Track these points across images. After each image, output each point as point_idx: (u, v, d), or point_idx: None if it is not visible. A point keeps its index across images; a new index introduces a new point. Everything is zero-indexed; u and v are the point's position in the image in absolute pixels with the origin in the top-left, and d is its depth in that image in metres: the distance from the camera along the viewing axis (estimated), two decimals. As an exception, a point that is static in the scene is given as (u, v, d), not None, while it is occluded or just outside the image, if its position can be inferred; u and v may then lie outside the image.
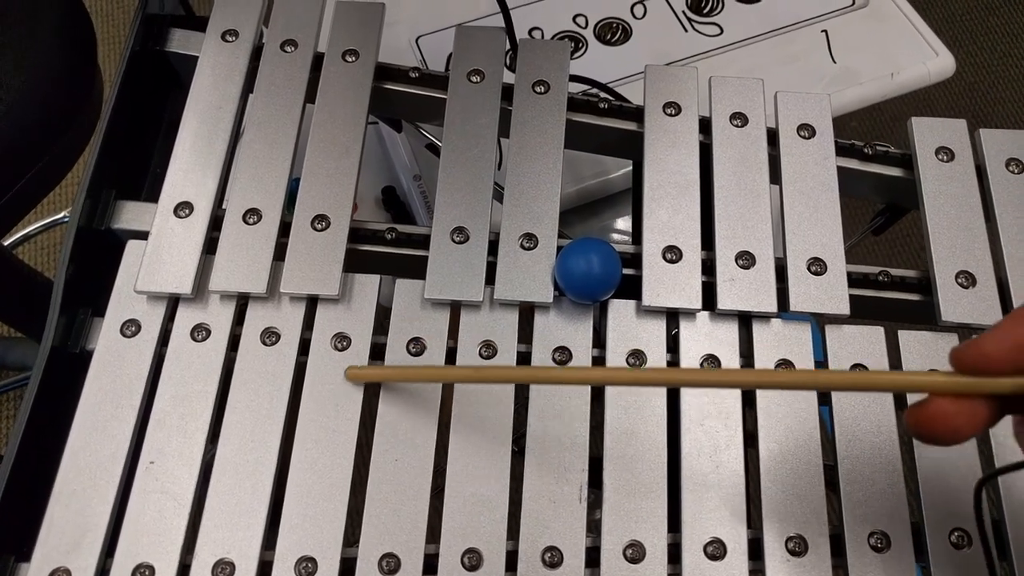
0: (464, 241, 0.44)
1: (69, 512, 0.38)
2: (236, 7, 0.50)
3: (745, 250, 0.45)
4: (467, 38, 0.50)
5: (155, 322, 0.42)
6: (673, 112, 0.49)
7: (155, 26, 0.52)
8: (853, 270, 0.45)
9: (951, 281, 0.44)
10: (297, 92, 0.48)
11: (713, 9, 0.70)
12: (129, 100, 0.48)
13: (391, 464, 0.40)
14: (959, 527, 0.40)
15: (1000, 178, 0.47)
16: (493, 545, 0.39)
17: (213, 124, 0.47)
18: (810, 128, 0.48)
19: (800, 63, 0.67)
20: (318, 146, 0.46)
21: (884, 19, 0.69)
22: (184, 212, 0.44)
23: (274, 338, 0.42)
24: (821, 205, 0.46)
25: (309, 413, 0.41)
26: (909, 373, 0.42)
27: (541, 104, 0.48)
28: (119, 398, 0.41)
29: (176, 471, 0.39)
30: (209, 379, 0.41)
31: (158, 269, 0.43)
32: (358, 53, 0.49)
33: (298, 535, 0.38)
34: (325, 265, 0.43)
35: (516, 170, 0.46)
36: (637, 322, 0.44)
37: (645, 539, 0.39)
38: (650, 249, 0.45)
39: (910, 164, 0.49)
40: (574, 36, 0.69)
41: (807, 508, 0.40)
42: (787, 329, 0.44)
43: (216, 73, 0.48)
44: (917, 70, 0.67)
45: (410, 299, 0.43)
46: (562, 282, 0.43)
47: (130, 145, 0.50)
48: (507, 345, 0.43)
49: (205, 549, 0.38)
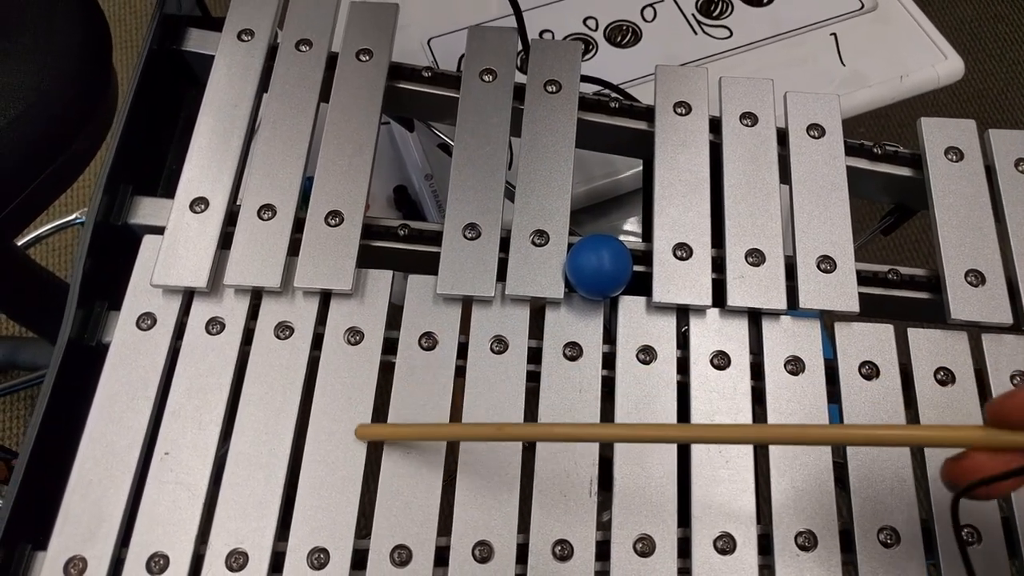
0: (476, 237, 0.45)
1: (85, 502, 0.39)
2: (252, 7, 0.51)
3: (755, 247, 0.45)
4: (479, 38, 0.51)
5: (171, 315, 0.43)
6: (683, 112, 0.49)
7: (172, 26, 0.53)
8: (862, 268, 0.45)
9: (960, 280, 0.45)
10: (311, 91, 0.48)
11: (723, 12, 0.70)
12: (146, 98, 0.49)
13: (403, 457, 0.40)
14: (968, 524, 0.40)
15: (1009, 178, 0.48)
16: (504, 538, 0.39)
17: (229, 122, 0.47)
18: (820, 128, 0.49)
19: (809, 66, 0.67)
20: (332, 143, 0.47)
21: (893, 22, 0.70)
22: (200, 208, 0.45)
23: (288, 332, 0.43)
24: (830, 204, 0.46)
25: (322, 406, 0.41)
26: (949, 428, 0.38)
27: (553, 103, 0.49)
28: (135, 390, 0.41)
29: (191, 462, 0.40)
30: (223, 372, 0.42)
31: (174, 263, 0.43)
32: (372, 52, 0.50)
33: (311, 526, 0.39)
34: (338, 260, 0.44)
35: (527, 168, 0.47)
36: (647, 318, 0.44)
37: (655, 533, 0.39)
38: (660, 246, 0.45)
39: (919, 164, 0.49)
40: (584, 38, 0.69)
41: (816, 504, 0.40)
42: (796, 326, 0.44)
43: (232, 72, 0.49)
44: (926, 73, 0.67)
45: (422, 295, 0.44)
46: (573, 278, 0.43)
47: (147, 142, 0.51)
48: (518, 341, 0.43)
49: (219, 539, 0.38)
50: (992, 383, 0.43)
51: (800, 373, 0.43)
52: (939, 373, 0.43)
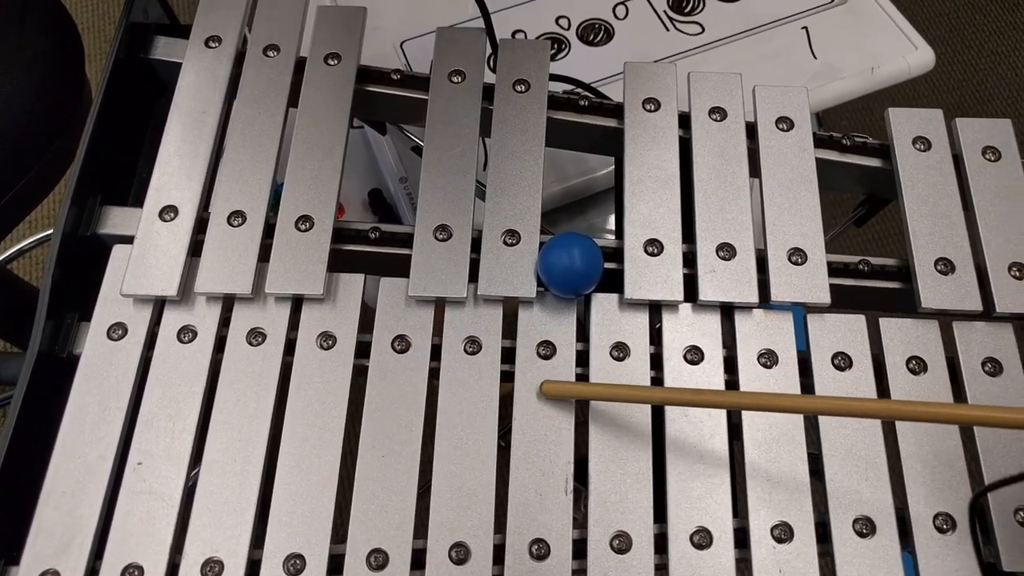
0: (447, 239, 0.45)
1: (58, 514, 0.38)
2: (219, 14, 0.51)
3: (726, 242, 0.45)
4: (448, 40, 0.51)
5: (142, 325, 0.43)
6: (652, 108, 0.49)
7: (139, 34, 0.52)
8: (833, 259, 0.46)
9: (930, 268, 0.45)
10: (280, 96, 0.48)
11: (694, 8, 0.70)
12: (114, 107, 0.49)
13: (378, 460, 0.40)
14: (943, 511, 0.40)
15: (977, 166, 0.48)
16: (480, 539, 0.39)
17: (197, 129, 0.47)
18: (788, 121, 0.49)
19: (781, 60, 0.68)
20: (301, 148, 0.47)
21: (863, 15, 0.70)
22: (169, 216, 0.45)
23: (260, 338, 0.43)
24: (801, 196, 0.46)
25: (295, 412, 0.41)
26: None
27: (522, 103, 0.49)
28: (107, 401, 0.41)
29: (164, 471, 0.40)
30: (196, 380, 0.42)
31: (144, 272, 0.43)
32: (340, 56, 0.50)
33: (286, 533, 0.39)
34: (309, 265, 0.44)
35: (498, 168, 0.47)
36: (620, 315, 0.44)
37: (631, 529, 0.39)
38: (632, 243, 0.45)
39: (888, 154, 0.49)
40: (557, 38, 0.69)
41: (792, 496, 0.40)
42: (769, 319, 0.44)
43: (200, 79, 0.49)
44: (897, 64, 0.67)
45: (394, 297, 0.44)
46: (545, 277, 0.43)
47: (116, 151, 0.50)
48: (492, 341, 0.43)
49: (194, 548, 0.38)
50: (964, 370, 0.43)
51: (773, 366, 0.43)
52: (911, 362, 0.43)
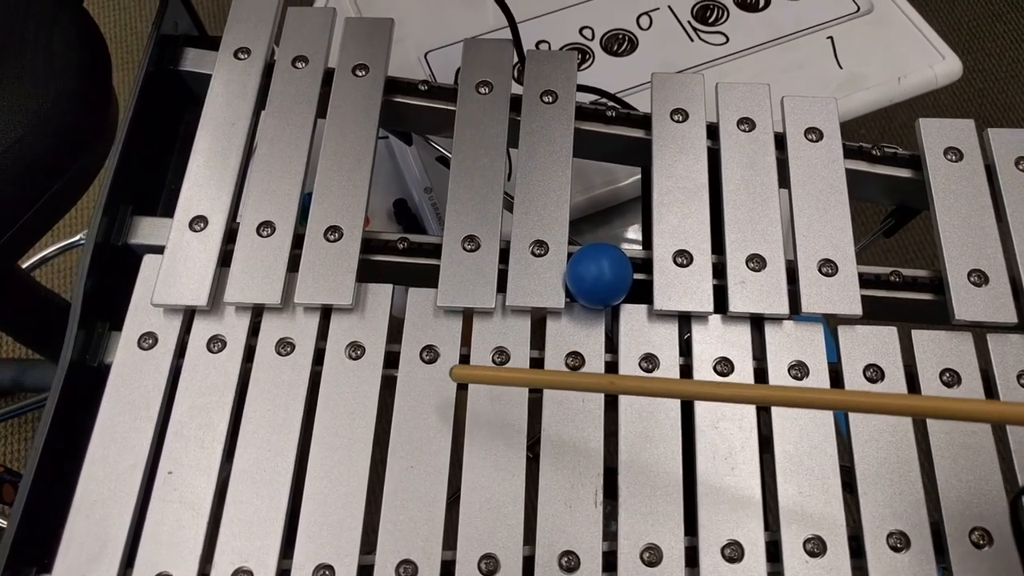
0: (475, 249, 0.45)
1: (89, 524, 0.39)
2: (248, 26, 0.51)
3: (756, 253, 0.45)
4: (475, 50, 0.51)
5: (172, 334, 0.43)
6: (680, 119, 0.49)
7: (169, 46, 0.53)
8: (864, 271, 0.45)
9: (963, 280, 0.44)
10: (309, 107, 0.49)
11: (718, 18, 0.70)
12: (144, 118, 0.49)
13: (407, 471, 0.40)
14: (979, 526, 0.39)
15: (1010, 176, 0.47)
16: (510, 550, 0.39)
17: (227, 140, 0.48)
18: (817, 131, 0.48)
19: (806, 70, 0.67)
20: (330, 159, 0.47)
21: (889, 25, 0.70)
22: (199, 226, 0.45)
23: (289, 348, 0.43)
24: (830, 207, 0.46)
25: (324, 422, 0.41)
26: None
27: (549, 113, 0.49)
28: (137, 410, 0.41)
29: (194, 481, 0.40)
30: (225, 390, 0.42)
31: (174, 282, 0.43)
32: (368, 67, 0.50)
33: (315, 543, 0.39)
34: (338, 275, 0.44)
35: (525, 178, 0.47)
36: (649, 326, 0.44)
37: (662, 542, 0.39)
38: (660, 254, 0.45)
39: (919, 165, 0.49)
40: (581, 48, 0.69)
41: (824, 509, 0.40)
42: (799, 331, 0.44)
43: (229, 90, 0.49)
44: (924, 74, 0.67)
45: (423, 308, 0.44)
46: (573, 288, 0.43)
47: (146, 162, 0.51)
48: (520, 351, 0.43)
49: (223, 558, 0.38)
50: (998, 383, 0.42)
51: (804, 378, 0.42)
52: (945, 375, 0.43)
